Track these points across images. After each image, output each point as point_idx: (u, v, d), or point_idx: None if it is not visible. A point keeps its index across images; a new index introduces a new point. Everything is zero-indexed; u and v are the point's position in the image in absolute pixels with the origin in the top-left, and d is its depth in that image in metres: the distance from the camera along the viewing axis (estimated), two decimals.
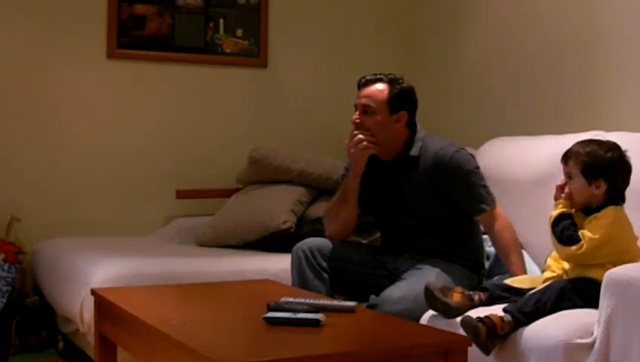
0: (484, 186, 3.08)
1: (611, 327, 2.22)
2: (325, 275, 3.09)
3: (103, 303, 2.82)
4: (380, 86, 3.09)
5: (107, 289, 2.98)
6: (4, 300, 3.74)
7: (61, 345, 3.92)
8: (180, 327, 2.27)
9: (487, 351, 2.37)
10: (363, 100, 3.10)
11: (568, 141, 3.23)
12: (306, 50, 4.81)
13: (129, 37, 4.41)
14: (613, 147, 2.57)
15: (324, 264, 3.09)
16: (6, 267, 3.76)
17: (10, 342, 3.79)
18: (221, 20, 4.61)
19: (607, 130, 3.20)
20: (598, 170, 2.53)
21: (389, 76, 3.12)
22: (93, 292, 2.89)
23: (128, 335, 2.59)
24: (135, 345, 2.55)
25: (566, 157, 2.62)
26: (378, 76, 3.12)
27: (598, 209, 2.53)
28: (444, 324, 2.56)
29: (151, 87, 4.49)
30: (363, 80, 3.14)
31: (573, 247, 2.48)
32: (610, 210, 2.51)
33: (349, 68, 4.78)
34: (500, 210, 3.07)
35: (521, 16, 4.08)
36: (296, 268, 3.11)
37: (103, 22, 4.37)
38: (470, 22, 4.44)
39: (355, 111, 3.13)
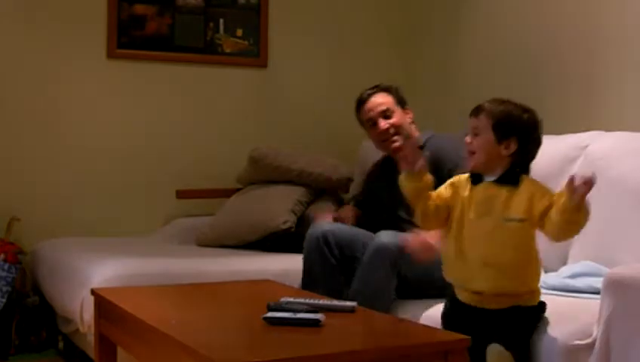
0: None
1: (611, 328, 2.22)
2: (336, 264, 3.09)
3: (102, 303, 2.82)
4: (382, 94, 3.34)
5: (107, 289, 2.97)
6: (4, 300, 3.74)
7: (61, 345, 3.92)
8: (180, 327, 2.26)
9: None
10: (379, 108, 3.29)
11: (568, 141, 3.26)
12: (306, 50, 4.80)
13: (129, 37, 4.41)
14: (531, 110, 2.38)
15: (337, 252, 3.10)
16: (6, 267, 3.76)
17: (10, 342, 3.79)
18: (221, 20, 4.60)
19: (608, 130, 3.20)
20: (511, 127, 2.34)
21: (380, 86, 3.38)
22: (93, 292, 2.89)
23: (128, 335, 2.59)
24: (135, 345, 2.54)
25: (477, 110, 2.41)
26: (373, 89, 3.36)
27: (508, 179, 2.33)
28: None
29: (151, 87, 4.48)
30: (365, 94, 3.34)
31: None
32: (527, 180, 2.33)
33: (349, 68, 4.79)
34: None
35: (521, 16, 4.07)
36: (309, 255, 3.12)
37: (103, 22, 4.36)
38: (470, 22, 4.44)
39: (371, 126, 3.29)
